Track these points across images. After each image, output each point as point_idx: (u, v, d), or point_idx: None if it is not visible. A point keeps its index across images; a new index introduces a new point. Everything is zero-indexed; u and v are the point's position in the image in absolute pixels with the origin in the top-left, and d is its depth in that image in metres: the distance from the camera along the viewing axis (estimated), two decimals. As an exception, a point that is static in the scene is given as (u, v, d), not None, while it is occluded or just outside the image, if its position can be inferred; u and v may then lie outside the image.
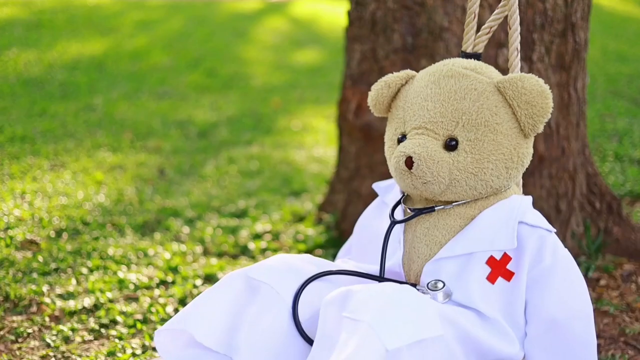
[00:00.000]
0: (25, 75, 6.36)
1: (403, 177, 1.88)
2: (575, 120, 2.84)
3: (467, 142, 1.86)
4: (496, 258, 1.86)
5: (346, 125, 3.19)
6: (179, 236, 3.32)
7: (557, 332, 1.84)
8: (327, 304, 1.73)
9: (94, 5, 10.08)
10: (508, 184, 1.92)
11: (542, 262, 1.85)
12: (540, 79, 1.86)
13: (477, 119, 1.86)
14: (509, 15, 2.00)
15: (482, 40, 2.06)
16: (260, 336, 1.81)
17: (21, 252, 3.06)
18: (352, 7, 3.06)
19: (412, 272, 1.93)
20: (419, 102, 1.91)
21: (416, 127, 1.90)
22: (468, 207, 1.92)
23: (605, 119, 5.05)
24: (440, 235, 1.91)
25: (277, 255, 1.99)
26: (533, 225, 1.87)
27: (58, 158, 4.31)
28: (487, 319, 1.83)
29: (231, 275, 1.90)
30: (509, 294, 1.86)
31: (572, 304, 1.85)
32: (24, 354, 2.36)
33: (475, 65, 1.94)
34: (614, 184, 3.73)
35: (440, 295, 1.85)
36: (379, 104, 2.02)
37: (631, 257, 2.90)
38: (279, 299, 1.83)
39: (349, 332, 1.63)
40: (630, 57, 7.34)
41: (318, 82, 6.71)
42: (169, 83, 6.45)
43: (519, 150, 1.89)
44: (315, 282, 1.89)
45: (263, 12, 10.67)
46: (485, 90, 1.87)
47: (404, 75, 2.01)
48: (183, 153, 4.57)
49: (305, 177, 4.18)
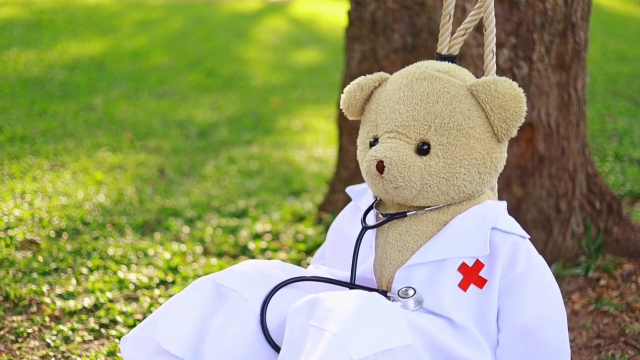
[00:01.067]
0: (25, 75, 6.36)
1: (374, 181, 1.86)
2: (575, 120, 2.84)
3: (439, 147, 1.83)
4: (468, 265, 1.83)
5: (346, 125, 3.20)
6: (179, 236, 3.32)
7: (530, 340, 1.81)
8: (295, 311, 1.70)
9: (94, 5, 10.08)
10: (481, 189, 1.89)
11: (515, 268, 1.82)
12: (514, 82, 1.83)
13: (449, 123, 1.83)
14: (484, 17, 1.96)
15: (457, 42, 2.02)
16: (228, 343, 1.78)
17: (21, 252, 3.06)
18: (352, 7, 3.06)
19: (384, 278, 1.90)
20: (392, 105, 1.88)
21: (388, 130, 1.87)
22: (440, 212, 1.89)
23: (605, 119, 5.06)
24: (412, 241, 1.88)
25: (247, 260, 1.96)
26: (506, 232, 1.84)
27: (58, 158, 4.31)
28: (459, 327, 1.80)
29: (199, 281, 1.87)
30: (481, 302, 1.82)
31: (545, 311, 1.82)
32: (24, 354, 2.36)
33: (449, 67, 1.91)
34: (614, 184, 3.73)
35: (411, 303, 1.81)
36: (351, 106, 1.99)
37: (631, 257, 2.90)
38: (247, 306, 1.80)
39: (314, 341, 1.60)
40: (630, 57, 7.34)
41: (318, 82, 6.71)
42: (169, 83, 6.45)
43: (492, 154, 1.86)
44: (284, 288, 1.86)
45: (263, 12, 10.68)
46: (458, 94, 1.84)
47: (377, 78, 1.97)
48: (183, 153, 4.57)
49: (305, 177, 4.18)
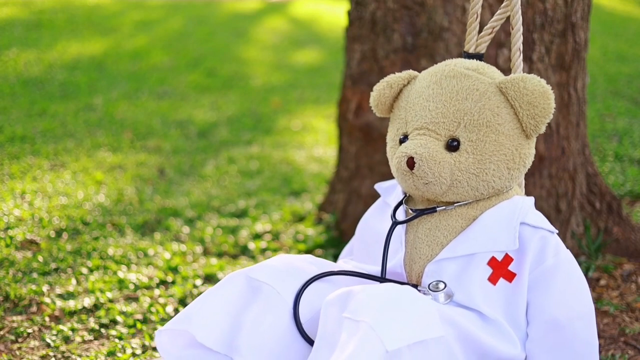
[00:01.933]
0: (25, 75, 6.36)
1: (405, 177, 1.88)
2: (575, 120, 2.84)
3: (468, 143, 1.86)
4: (498, 259, 1.85)
5: (346, 125, 3.19)
6: (179, 236, 3.32)
7: (559, 333, 1.83)
8: (328, 304, 1.73)
9: (94, 5, 10.08)
10: (510, 185, 1.92)
11: (543, 263, 1.84)
12: (542, 79, 1.86)
13: (479, 120, 1.85)
14: (511, 16, 2.00)
15: (484, 40, 2.05)
16: (261, 337, 1.81)
17: (21, 252, 3.06)
18: (352, 7, 3.06)
19: (414, 272, 1.93)
20: (421, 102, 1.91)
21: (418, 127, 1.90)
22: (470, 207, 1.91)
23: (605, 119, 5.05)
24: (441, 236, 1.91)
25: (278, 255, 1.99)
26: (535, 226, 1.87)
27: (58, 158, 4.31)
28: (489, 320, 1.82)
29: (232, 275, 1.90)
30: (510, 295, 1.85)
31: (573, 304, 1.85)
32: (24, 354, 2.36)
33: (477, 65, 1.93)
34: (614, 184, 3.73)
35: (442, 296, 1.84)
36: (381, 104, 2.02)
37: (631, 257, 2.90)
38: (280, 300, 1.83)
39: (349, 332, 1.63)
40: (630, 57, 7.34)
41: (318, 82, 6.71)
42: (169, 83, 6.45)
43: (521, 150, 1.89)
44: (316, 282, 1.89)
45: (263, 12, 10.67)
46: (487, 91, 1.87)
47: (406, 76, 2.00)
48: (183, 153, 4.57)
49: (305, 177, 4.18)
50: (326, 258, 2.98)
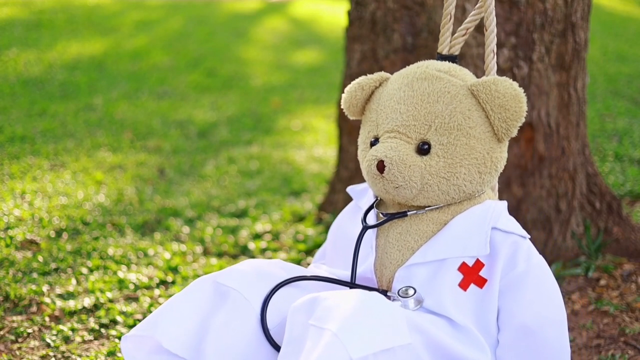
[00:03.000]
0: (25, 75, 6.36)
1: (375, 181, 1.86)
2: (575, 120, 2.84)
3: (439, 146, 1.83)
4: (469, 264, 1.82)
5: (346, 125, 3.20)
6: (179, 236, 3.32)
7: (530, 340, 1.81)
8: (295, 310, 1.70)
9: (94, 5, 10.08)
10: (482, 189, 1.89)
11: (515, 268, 1.82)
12: (514, 82, 1.83)
13: (450, 123, 1.83)
14: (485, 17, 1.96)
15: (458, 42, 2.02)
16: (228, 342, 1.78)
17: (21, 252, 3.06)
18: (352, 7, 3.06)
19: (384, 277, 1.90)
20: (392, 105, 1.88)
21: (389, 130, 1.87)
22: (441, 212, 1.89)
23: (605, 119, 5.06)
24: (412, 241, 1.88)
25: (247, 260, 1.96)
26: (506, 231, 1.84)
27: (58, 158, 4.31)
28: (459, 326, 1.80)
29: (199, 280, 1.87)
30: (481, 301, 1.82)
31: (545, 311, 1.82)
32: (24, 354, 2.36)
33: (450, 67, 1.91)
34: (614, 184, 3.73)
35: (411, 302, 1.82)
36: (352, 106, 1.99)
37: (631, 257, 2.90)
38: (248, 305, 1.81)
39: (314, 340, 1.60)
40: (630, 57, 7.34)
41: (318, 82, 6.71)
42: (169, 83, 6.45)
43: (493, 154, 1.86)
44: (285, 288, 1.86)
45: (263, 12, 10.68)
46: (459, 93, 1.84)
47: (378, 78, 1.98)
48: (183, 153, 4.57)
49: (305, 177, 4.18)
50: (326, 258, 2.99)
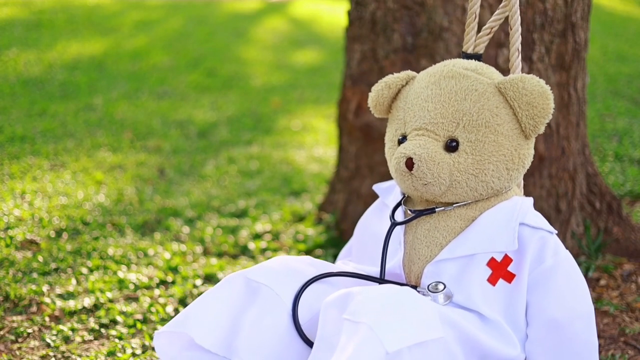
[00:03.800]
0: (25, 75, 6.36)
1: (403, 178, 1.88)
2: (575, 120, 2.84)
3: (467, 143, 1.86)
4: (497, 260, 1.85)
5: (346, 125, 3.19)
6: (179, 236, 3.32)
7: (559, 334, 1.83)
8: (327, 306, 1.73)
9: (94, 5, 10.08)
10: (509, 185, 1.92)
11: (543, 263, 1.84)
12: (541, 79, 1.86)
13: (477, 120, 1.85)
14: (509, 16, 1.99)
15: (482, 40, 2.05)
16: (260, 338, 1.81)
17: (21, 252, 3.06)
18: (352, 7, 3.06)
19: (413, 273, 1.92)
20: (420, 103, 1.91)
21: (417, 128, 1.90)
22: (469, 208, 1.91)
23: (605, 119, 5.05)
24: (440, 237, 1.91)
25: (277, 256, 1.98)
26: (534, 227, 1.87)
27: (58, 158, 4.31)
28: (488, 321, 1.82)
29: (231, 277, 1.89)
30: (510, 296, 1.85)
31: (573, 305, 1.85)
32: (24, 354, 2.36)
33: (476, 66, 1.93)
34: (614, 184, 3.73)
35: (441, 297, 1.84)
36: (379, 105, 2.02)
37: (631, 257, 2.90)
38: (279, 301, 1.83)
39: (349, 334, 1.63)
40: (630, 57, 7.34)
41: (318, 82, 6.71)
42: (169, 83, 6.45)
43: (520, 151, 1.89)
44: (315, 284, 1.89)
45: (263, 12, 10.67)
46: (486, 91, 1.87)
47: (404, 76, 2.00)
48: (183, 153, 4.57)
49: (305, 177, 4.18)
50: (326, 258, 2.99)
